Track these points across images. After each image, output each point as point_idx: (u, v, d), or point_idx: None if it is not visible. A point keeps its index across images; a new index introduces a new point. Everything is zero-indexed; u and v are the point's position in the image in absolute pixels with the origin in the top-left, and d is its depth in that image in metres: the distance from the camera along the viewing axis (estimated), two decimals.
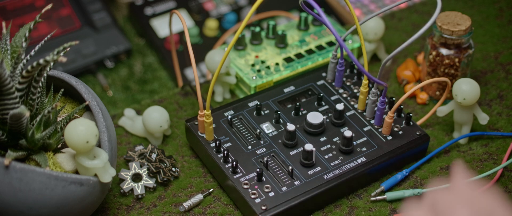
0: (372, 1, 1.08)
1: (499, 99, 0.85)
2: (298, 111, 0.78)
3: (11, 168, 0.59)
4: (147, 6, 1.06)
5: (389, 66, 0.91)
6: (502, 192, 0.74)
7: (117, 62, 1.01)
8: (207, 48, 1.00)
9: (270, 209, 0.68)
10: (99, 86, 0.98)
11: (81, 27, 1.00)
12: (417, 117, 0.83)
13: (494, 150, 0.79)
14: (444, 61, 0.81)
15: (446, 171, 0.76)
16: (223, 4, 1.08)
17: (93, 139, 0.61)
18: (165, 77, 1.00)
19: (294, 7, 1.08)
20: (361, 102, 0.78)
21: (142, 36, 1.06)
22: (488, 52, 0.92)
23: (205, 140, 0.74)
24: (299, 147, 0.74)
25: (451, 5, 1.00)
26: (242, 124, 0.77)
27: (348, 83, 0.82)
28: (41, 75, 0.61)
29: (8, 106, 0.60)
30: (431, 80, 0.73)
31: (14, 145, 0.63)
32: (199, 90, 0.71)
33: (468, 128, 0.78)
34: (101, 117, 0.66)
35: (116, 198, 0.74)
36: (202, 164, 0.77)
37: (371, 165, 0.73)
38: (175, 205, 0.73)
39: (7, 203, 0.60)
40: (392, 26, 0.97)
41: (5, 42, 0.62)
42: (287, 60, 0.86)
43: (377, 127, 0.77)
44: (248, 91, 0.84)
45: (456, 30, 0.78)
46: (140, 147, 0.78)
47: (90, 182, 0.63)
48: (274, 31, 0.89)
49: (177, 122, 0.83)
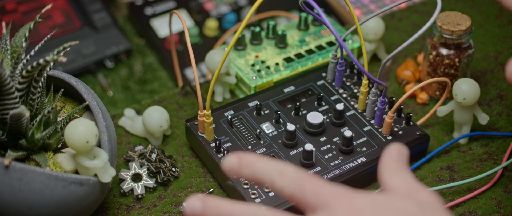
0: (372, 1, 1.07)
1: (499, 99, 0.85)
2: (298, 111, 0.78)
3: (11, 168, 0.59)
4: (147, 6, 1.06)
5: (389, 66, 0.91)
6: (502, 192, 0.74)
7: (117, 62, 1.01)
8: (207, 48, 1.00)
9: None
10: (99, 86, 0.98)
11: (81, 27, 1.00)
12: (417, 117, 0.83)
13: (494, 150, 0.79)
14: (444, 61, 0.81)
15: (446, 171, 0.76)
16: (223, 4, 1.08)
17: (93, 139, 0.61)
18: (165, 77, 1.00)
19: (294, 7, 1.08)
20: (361, 102, 0.78)
21: (142, 36, 1.06)
22: (488, 52, 0.92)
23: (205, 140, 0.74)
24: (299, 147, 0.74)
25: (451, 5, 1.00)
26: (242, 124, 0.77)
27: (348, 83, 0.82)
28: (41, 75, 0.61)
29: (8, 106, 0.60)
30: (431, 80, 0.73)
31: (14, 145, 0.63)
32: (199, 90, 0.71)
33: (468, 128, 0.78)
34: (101, 117, 0.66)
35: (116, 198, 0.74)
36: (202, 164, 0.77)
37: (371, 165, 0.73)
38: (175, 205, 0.73)
39: (7, 203, 0.60)
40: (392, 26, 0.97)
41: (5, 42, 0.62)
42: (287, 60, 0.86)
43: (377, 127, 0.77)
44: (248, 91, 0.84)
45: (456, 30, 0.78)
46: (140, 147, 0.78)
47: (90, 182, 0.63)
48: (274, 31, 0.89)
49: (177, 122, 0.83)
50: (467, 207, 0.73)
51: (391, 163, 0.50)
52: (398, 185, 0.48)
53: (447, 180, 0.75)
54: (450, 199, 0.73)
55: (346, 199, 0.46)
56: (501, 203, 0.73)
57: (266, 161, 0.48)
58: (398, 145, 0.51)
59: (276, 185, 0.47)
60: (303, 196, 0.46)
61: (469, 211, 0.72)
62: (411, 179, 0.48)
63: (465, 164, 0.77)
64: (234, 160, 0.48)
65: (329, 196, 0.46)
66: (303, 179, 0.47)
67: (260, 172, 0.48)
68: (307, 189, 0.46)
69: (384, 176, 0.49)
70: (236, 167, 0.48)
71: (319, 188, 0.46)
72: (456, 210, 0.72)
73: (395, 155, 0.50)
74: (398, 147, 0.50)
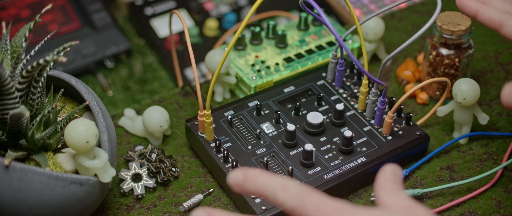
0: (372, 1, 1.07)
1: (499, 99, 0.85)
2: (298, 111, 0.78)
3: (11, 168, 0.59)
4: (147, 6, 1.06)
5: (389, 66, 0.91)
6: (502, 192, 0.74)
7: (117, 62, 1.01)
8: (207, 48, 1.00)
9: (270, 209, 0.68)
10: (99, 86, 0.98)
11: (81, 27, 1.00)
12: (417, 117, 0.83)
13: (494, 150, 0.79)
14: (444, 61, 0.81)
15: (446, 171, 0.76)
16: (223, 4, 1.08)
17: (93, 139, 0.61)
18: (165, 77, 1.00)
19: (294, 7, 1.08)
20: (361, 102, 0.78)
21: (142, 36, 1.06)
22: (488, 52, 0.92)
23: (205, 140, 0.74)
24: (299, 147, 0.74)
25: (451, 5, 1.00)
26: (242, 124, 0.77)
27: (348, 83, 0.82)
28: (41, 75, 0.61)
29: (8, 106, 0.60)
30: (431, 80, 0.73)
31: (14, 145, 0.63)
32: (199, 90, 0.71)
33: (468, 128, 0.78)
34: (101, 117, 0.66)
35: (116, 198, 0.74)
36: (202, 164, 0.77)
37: (371, 165, 0.73)
38: (175, 205, 0.73)
39: (7, 203, 0.60)
40: (392, 26, 0.97)
41: (5, 42, 0.62)
42: (287, 60, 0.86)
43: (377, 127, 0.77)
44: (248, 91, 0.84)
45: (456, 30, 0.78)
46: (140, 147, 0.78)
47: (90, 182, 0.63)
48: (274, 31, 0.89)
49: (177, 122, 0.83)
50: (467, 207, 0.73)
51: (386, 183, 0.51)
52: (395, 204, 0.49)
53: (447, 180, 0.75)
54: (450, 199, 0.73)
55: (346, 214, 0.47)
56: (501, 203, 0.73)
57: (269, 176, 0.49)
58: (393, 165, 0.52)
59: (278, 199, 0.49)
60: (303, 210, 0.48)
61: (469, 211, 0.72)
62: (407, 198, 0.49)
63: (465, 164, 0.77)
64: (239, 175, 0.50)
65: (329, 211, 0.47)
66: (305, 194, 0.48)
67: (264, 186, 0.49)
68: (308, 204, 0.48)
69: (381, 196, 0.50)
70: (241, 182, 0.50)
71: (320, 203, 0.48)
72: (456, 210, 0.72)
73: (390, 175, 0.51)
74: (392, 168, 0.52)
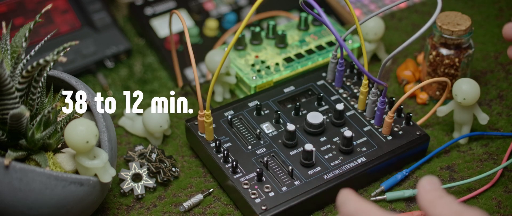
0: (372, 1, 1.08)
1: (499, 99, 0.85)
2: (298, 111, 0.78)
3: (11, 168, 0.59)
4: (147, 6, 1.06)
5: (389, 66, 0.91)
6: (502, 192, 0.74)
7: (117, 62, 1.01)
8: (207, 48, 1.00)
9: (270, 209, 0.68)
10: (99, 86, 0.98)
11: (81, 27, 1.00)
12: (417, 117, 0.83)
13: (494, 150, 0.79)
14: (444, 61, 0.81)
15: (446, 171, 0.76)
16: (223, 4, 1.08)
17: (93, 139, 0.61)
18: (165, 77, 1.00)
19: (294, 7, 1.08)
20: (361, 102, 0.78)
21: (142, 36, 1.06)
22: (488, 52, 0.92)
23: (205, 140, 0.74)
24: (299, 147, 0.74)
25: (451, 5, 1.00)
26: (242, 124, 0.77)
27: (348, 83, 0.82)
28: (41, 75, 0.61)
29: (8, 106, 0.60)
30: (431, 80, 0.73)
31: (14, 145, 0.63)
32: (199, 90, 0.71)
33: (468, 128, 0.78)
34: (101, 117, 0.66)
35: (116, 198, 0.74)
36: (202, 164, 0.77)
37: (371, 165, 0.73)
38: (175, 205, 0.73)
39: (7, 203, 0.60)
40: (392, 26, 0.97)
41: (5, 42, 0.62)
42: (287, 60, 0.86)
43: (377, 127, 0.77)
44: (248, 91, 0.84)
45: (456, 30, 0.78)
46: (140, 147, 0.78)
47: (90, 182, 0.63)
48: (274, 31, 0.89)
49: (177, 122, 0.83)
50: None
51: (428, 195, 0.50)
52: (442, 212, 0.49)
53: (447, 180, 0.75)
54: None
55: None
56: (501, 203, 0.73)
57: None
58: (427, 177, 0.51)
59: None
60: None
61: None
62: (453, 204, 0.49)
63: (465, 164, 0.77)
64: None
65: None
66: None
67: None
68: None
69: (426, 209, 0.50)
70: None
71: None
72: None
73: (428, 186, 0.51)
74: (428, 178, 0.51)
